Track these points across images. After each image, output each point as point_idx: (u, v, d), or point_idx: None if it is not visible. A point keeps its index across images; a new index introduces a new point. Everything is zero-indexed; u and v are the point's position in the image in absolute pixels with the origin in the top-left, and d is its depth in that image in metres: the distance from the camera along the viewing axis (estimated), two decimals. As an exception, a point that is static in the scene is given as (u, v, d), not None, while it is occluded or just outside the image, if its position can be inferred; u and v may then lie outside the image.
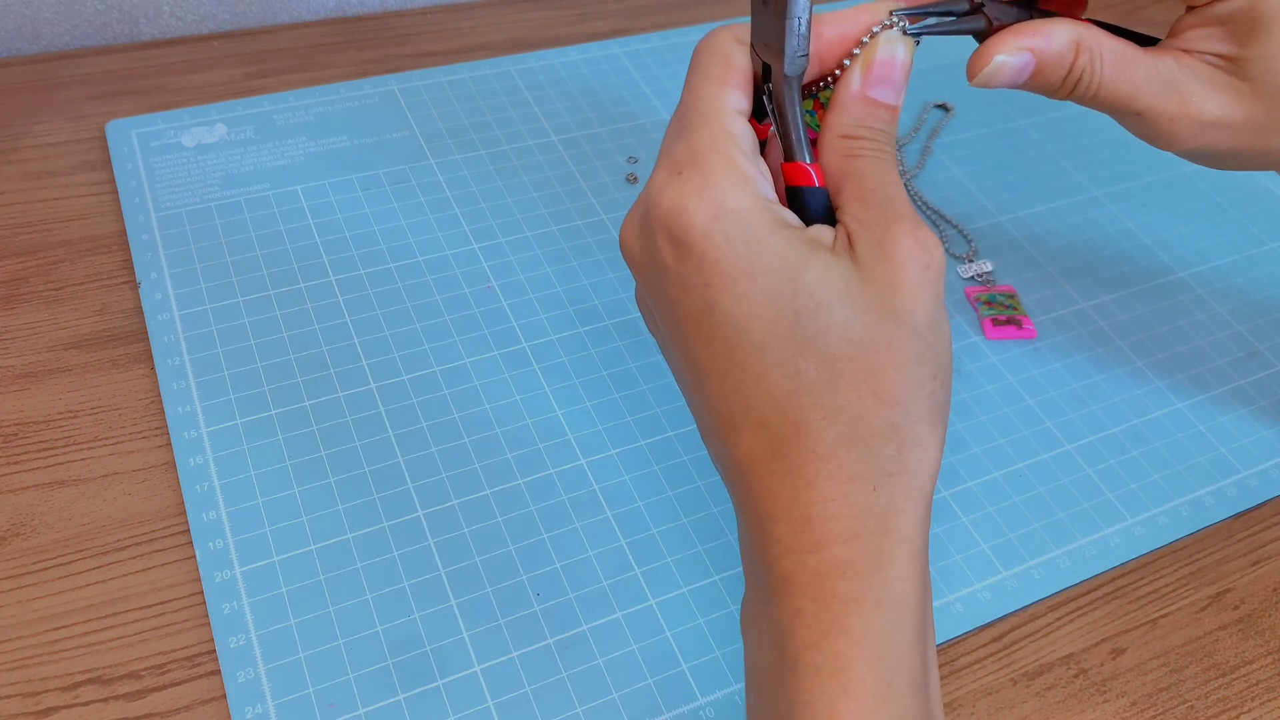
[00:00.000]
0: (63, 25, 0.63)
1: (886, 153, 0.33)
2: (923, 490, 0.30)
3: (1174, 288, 0.55)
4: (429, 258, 0.52)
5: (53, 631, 0.38)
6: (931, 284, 0.30)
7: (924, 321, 0.30)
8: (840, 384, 0.30)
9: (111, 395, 0.45)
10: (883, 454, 0.30)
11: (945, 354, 0.31)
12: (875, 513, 0.30)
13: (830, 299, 0.30)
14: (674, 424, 0.46)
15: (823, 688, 0.29)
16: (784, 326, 0.30)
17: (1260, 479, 0.47)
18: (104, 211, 0.52)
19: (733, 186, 0.31)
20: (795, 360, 0.30)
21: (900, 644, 0.29)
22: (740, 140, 0.32)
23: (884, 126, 0.33)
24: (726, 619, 0.40)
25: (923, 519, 0.30)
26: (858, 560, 0.29)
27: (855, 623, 0.29)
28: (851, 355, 0.30)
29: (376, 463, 0.43)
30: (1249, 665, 0.41)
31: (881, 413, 0.30)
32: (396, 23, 0.67)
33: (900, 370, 0.30)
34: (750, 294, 0.31)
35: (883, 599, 0.29)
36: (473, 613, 0.39)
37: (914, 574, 0.30)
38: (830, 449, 0.30)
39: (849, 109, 0.33)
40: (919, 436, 0.30)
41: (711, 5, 0.71)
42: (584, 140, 0.59)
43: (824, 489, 0.30)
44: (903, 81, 0.33)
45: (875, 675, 0.29)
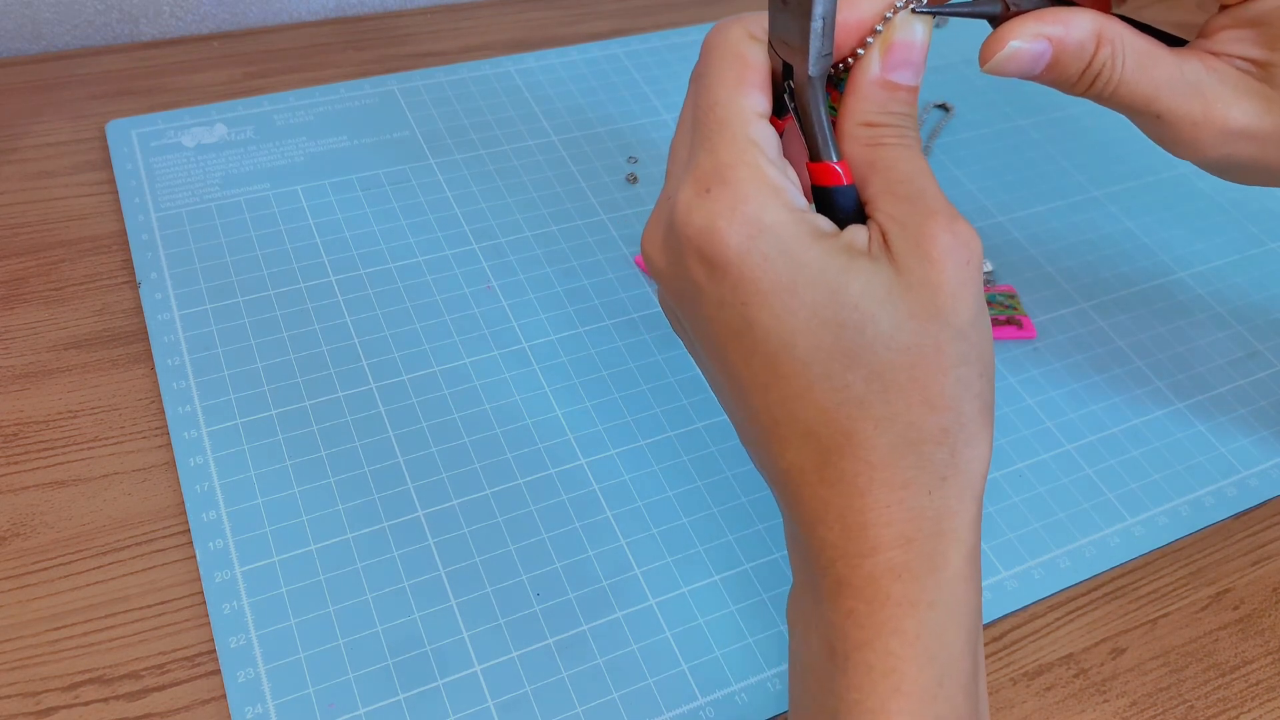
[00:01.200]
0: (63, 25, 0.63)
1: (911, 139, 0.31)
2: (975, 490, 0.30)
3: (1174, 288, 0.55)
4: (429, 258, 0.52)
5: (53, 631, 0.38)
6: (972, 280, 0.30)
7: (967, 320, 0.30)
8: (890, 393, 0.30)
9: (111, 395, 0.45)
10: (936, 458, 0.30)
11: (988, 350, 0.31)
12: (930, 516, 0.30)
13: (874, 309, 0.29)
14: (674, 424, 0.46)
15: (874, 686, 0.29)
16: (828, 340, 0.30)
17: (1260, 479, 0.47)
18: (104, 211, 0.52)
19: (764, 201, 0.30)
20: (843, 374, 0.30)
21: (953, 644, 0.29)
22: (766, 148, 0.31)
23: (906, 110, 0.32)
24: (727, 619, 0.40)
25: (975, 518, 0.30)
26: (913, 563, 0.30)
27: (910, 624, 0.29)
28: (899, 364, 0.30)
29: (376, 463, 0.43)
30: (1249, 665, 0.41)
31: (933, 418, 0.30)
32: (396, 23, 0.67)
33: (948, 373, 0.30)
34: (792, 309, 0.30)
35: (936, 600, 0.29)
36: (473, 613, 0.39)
37: (968, 574, 0.30)
38: (883, 457, 0.30)
39: (870, 95, 0.31)
40: (971, 437, 0.30)
41: (711, 5, 0.71)
42: (584, 140, 0.59)
43: (878, 496, 0.30)
44: (922, 62, 0.32)
45: (927, 674, 0.29)
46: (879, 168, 0.31)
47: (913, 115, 0.32)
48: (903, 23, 0.31)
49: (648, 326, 0.50)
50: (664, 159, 0.59)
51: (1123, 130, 0.65)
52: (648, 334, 0.49)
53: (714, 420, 0.46)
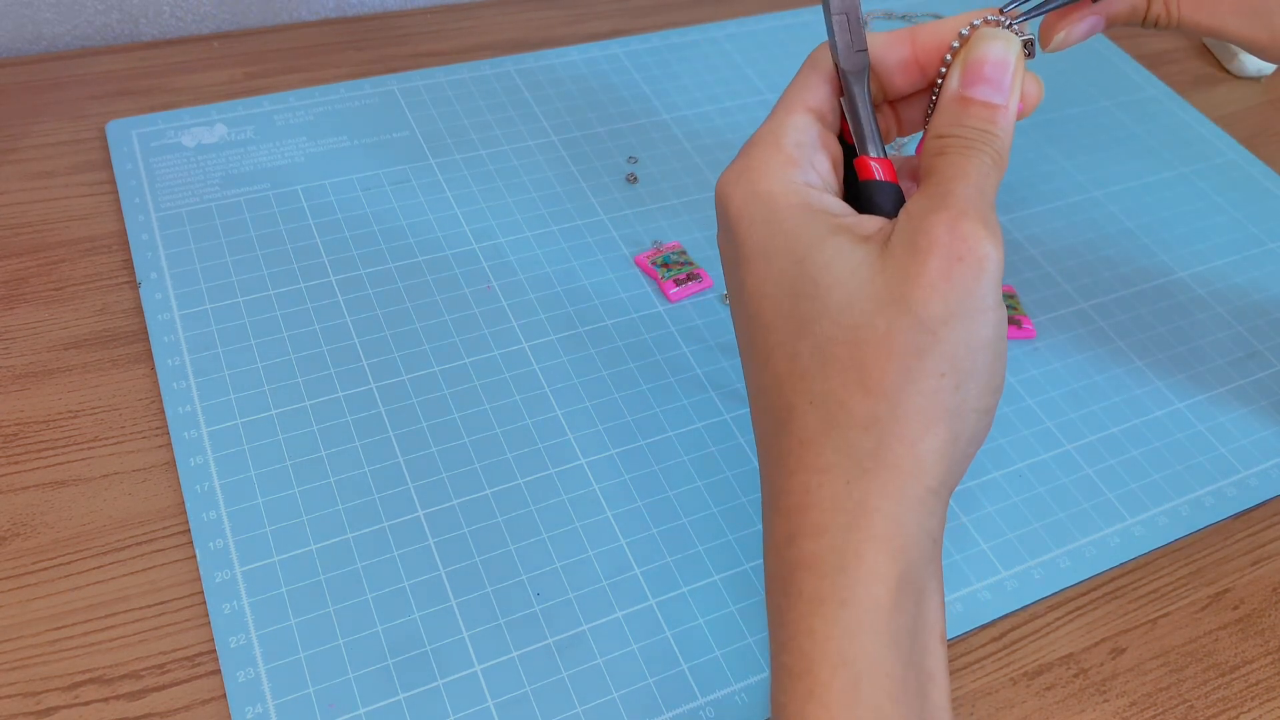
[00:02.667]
0: (63, 25, 0.63)
1: (977, 150, 0.31)
2: (905, 491, 0.28)
3: (1174, 288, 0.55)
4: (429, 258, 0.52)
5: (53, 631, 0.38)
6: (960, 278, 0.29)
7: (937, 315, 0.28)
8: (829, 369, 0.29)
9: (112, 395, 0.45)
10: (860, 446, 0.28)
11: (971, 357, 0.29)
12: (847, 508, 0.28)
13: (830, 282, 0.29)
14: (674, 424, 0.46)
15: (792, 690, 0.28)
16: (787, 307, 0.30)
17: (1260, 479, 0.47)
18: (104, 211, 0.52)
19: (768, 170, 0.31)
20: (794, 342, 0.30)
21: (869, 647, 0.27)
22: (796, 131, 0.32)
23: (982, 125, 0.31)
24: (726, 619, 0.40)
25: (911, 521, 0.28)
26: (825, 557, 0.28)
27: (819, 623, 0.28)
28: (843, 339, 0.29)
29: (376, 463, 0.43)
30: (1249, 665, 0.41)
31: (864, 402, 0.28)
32: (396, 23, 0.67)
33: (891, 360, 0.28)
34: (764, 274, 0.31)
35: (848, 599, 0.28)
36: (473, 613, 0.39)
37: (889, 575, 0.28)
38: (811, 436, 0.29)
39: (944, 109, 0.32)
40: (905, 434, 0.28)
41: (712, 5, 0.71)
42: (584, 140, 0.59)
43: (802, 478, 0.29)
44: (1003, 78, 0.32)
45: (840, 678, 0.27)
46: (932, 172, 0.31)
47: (993, 132, 0.31)
48: (983, 40, 0.32)
49: (647, 326, 0.50)
50: (664, 159, 0.59)
51: (1122, 130, 0.65)
52: (647, 334, 0.49)
53: (714, 420, 0.46)
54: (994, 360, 0.30)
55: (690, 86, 0.64)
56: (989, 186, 0.31)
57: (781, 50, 0.67)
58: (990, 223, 0.29)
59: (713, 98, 0.63)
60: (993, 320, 0.29)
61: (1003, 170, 0.31)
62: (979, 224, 0.29)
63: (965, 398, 0.29)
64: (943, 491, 0.29)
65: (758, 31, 0.69)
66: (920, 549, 0.29)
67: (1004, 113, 0.32)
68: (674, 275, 0.52)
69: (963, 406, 0.29)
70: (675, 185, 0.57)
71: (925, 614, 0.29)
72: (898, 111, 0.35)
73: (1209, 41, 0.72)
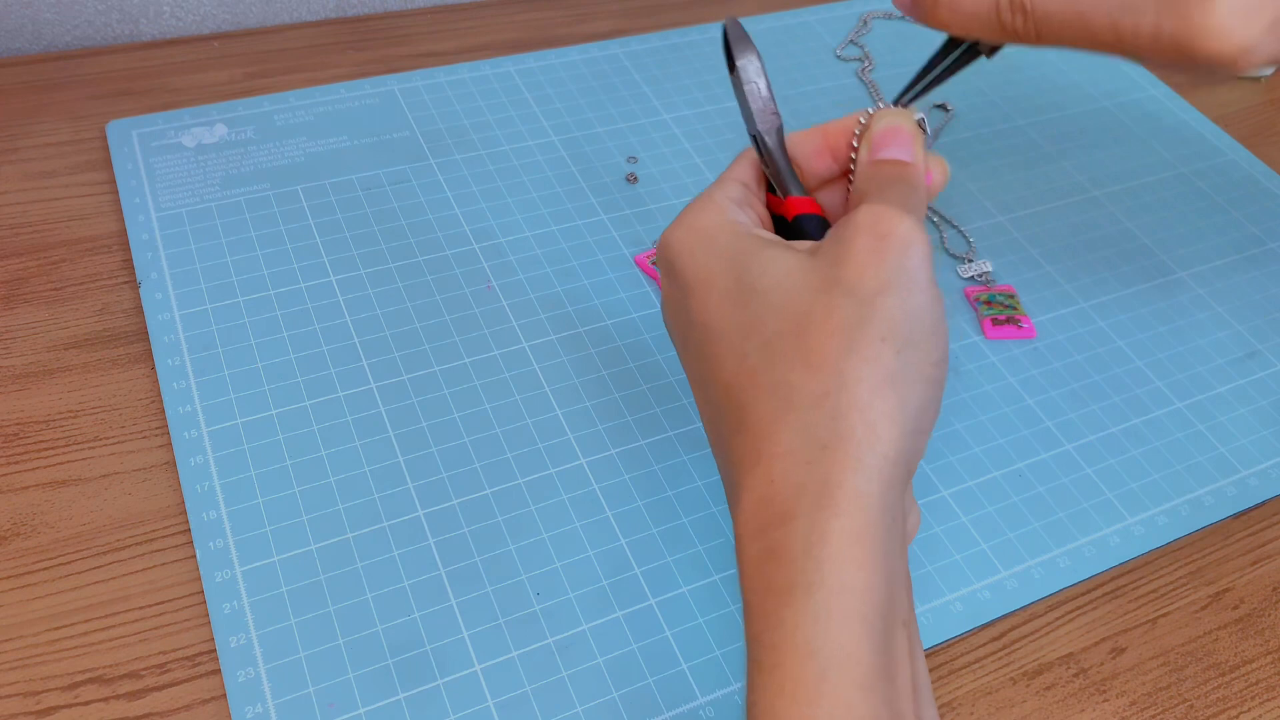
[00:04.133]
0: (63, 25, 0.63)
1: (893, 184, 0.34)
2: (866, 463, 0.28)
3: (1174, 288, 0.55)
4: (429, 258, 0.52)
5: (53, 631, 0.38)
6: (890, 253, 0.30)
7: (870, 288, 0.30)
8: (776, 359, 0.30)
9: (112, 395, 0.45)
10: (816, 423, 0.28)
11: (909, 323, 0.30)
12: (811, 490, 0.28)
13: (769, 284, 0.31)
14: (674, 424, 0.46)
15: (763, 685, 0.27)
16: (732, 316, 0.32)
17: (1260, 479, 0.47)
18: (104, 211, 0.53)
19: (703, 212, 0.35)
20: (742, 344, 0.31)
21: (838, 634, 0.26)
22: (726, 191, 0.36)
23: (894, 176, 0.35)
24: (726, 618, 0.40)
25: (874, 494, 0.28)
26: (791, 544, 0.28)
27: (787, 613, 0.27)
28: (787, 329, 0.30)
29: (376, 463, 0.43)
30: (1249, 665, 0.41)
31: (812, 380, 0.29)
32: (396, 23, 0.67)
33: (832, 336, 0.29)
34: (709, 297, 0.33)
35: (814, 583, 0.27)
36: (473, 612, 0.39)
37: (855, 554, 0.27)
38: (767, 426, 0.29)
39: (861, 175, 0.36)
40: (858, 402, 0.28)
41: (711, 5, 0.71)
42: (584, 140, 0.59)
43: (764, 469, 0.29)
44: (906, 140, 0.35)
45: (807, 669, 0.26)
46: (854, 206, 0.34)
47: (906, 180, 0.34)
48: (881, 117, 0.36)
49: (647, 326, 0.50)
50: (664, 159, 0.59)
51: (1122, 130, 0.65)
52: (647, 334, 0.49)
53: (714, 420, 0.46)
54: (934, 330, 0.31)
55: (690, 86, 0.64)
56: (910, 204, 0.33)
57: (781, 50, 0.67)
58: (913, 213, 0.32)
59: (713, 98, 0.63)
60: (929, 293, 0.31)
61: (923, 208, 0.34)
62: (900, 210, 0.31)
63: (907, 363, 0.30)
64: (900, 463, 0.29)
65: (757, 32, 0.69)
66: (886, 526, 0.28)
67: (914, 169, 0.35)
68: (674, 275, 0.52)
69: (906, 372, 0.30)
70: (675, 185, 0.57)
71: (894, 598, 0.28)
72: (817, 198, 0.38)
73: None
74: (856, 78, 0.66)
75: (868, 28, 0.70)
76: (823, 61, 0.67)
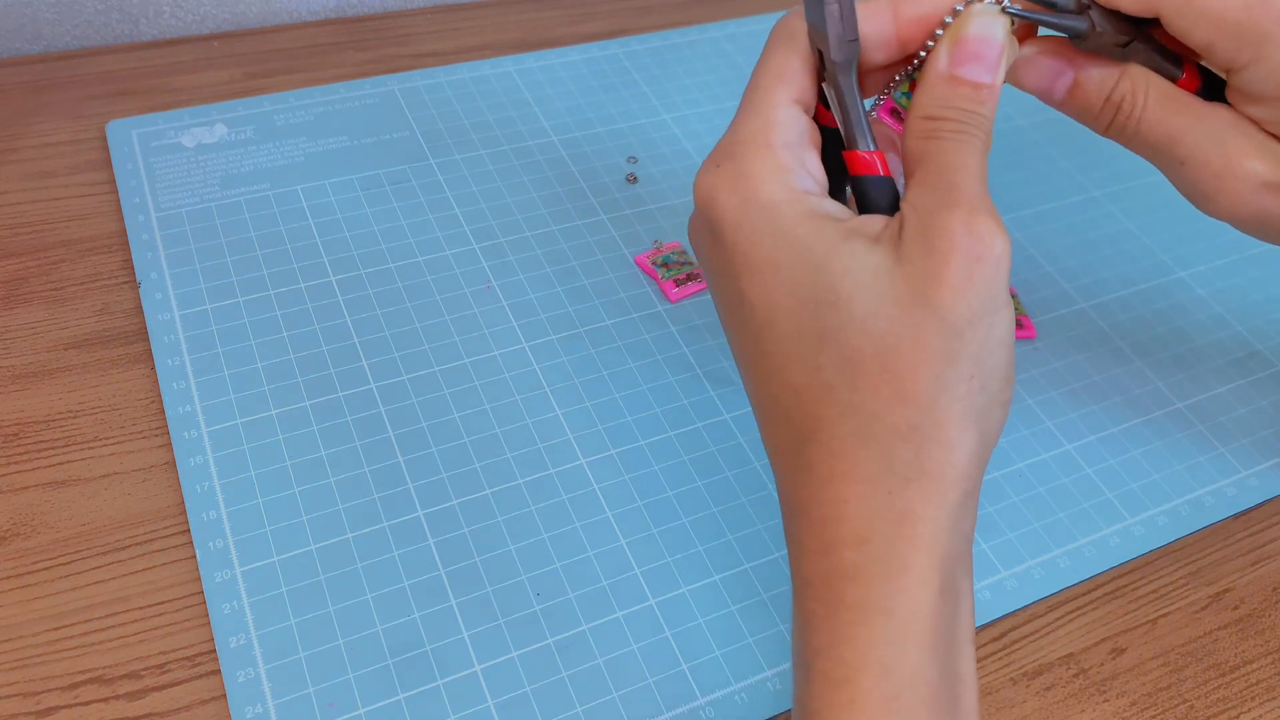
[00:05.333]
0: (63, 25, 0.63)
1: (970, 134, 0.30)
2: (947, 497, 0.28)
3: (1174, 288, 0.55)
4: (429, 258, 0.52)
5: (53, 631, 0.38)
6: (981, 279, 0.28)
7: (963, 317, 0.28)
8: (859, 380, 0.28)
9: (111, 395, 0.45)
10: (899, 456, 0.28)
11: (992, 355, 0.29)
12: (890, 518, 0.28)
13: (852, 290, 0.29)
14: (674, 424, 0.46)
15: (830, 697, 0.28)
16: (805, 319, 0.29)
17: (1260, 479, 0.47)
18: (104, 211, 0.53)
19: (764, 177, 0.30)
20: (815, 354, 0.29)
21: (912, 656, 0.28)
22: (783, 129, 0.31)
23: (972, 106, 0.31)
24: (726, 619, 0.40)
25: (949, 527, 0.28)
26: (868, 567, 0.28)
27: (862, 631, 0.28)
28: (872, 351, 0.28)
29: (376, 463, 0.43)
30: (1249, 665, 0.41)
31: (901, 412, 0.28)
32: (396, 23, 0.67)
33: (925, 367, 0.28)
34: (774, 285, 0.30)
35: (893, 608, 0.28)
36: (473, 613, 0.39)
37: (933, 583, 0.28)
38: (845, 448, 0.29)
39: (933, 88, 0.31)
40: (943, 439, 0.28)
41: (711, 5, 0.71)
42: (584, 140, 0.59)
43: (839, 489, 0.29)
44: (998, 59, 0.31)
45: (882, 688, 0.27)
46: (925, 159, 0.30)
47: (982, 114, 0.31)
48: (975, 16, 0.31)
49: (647, 326, 0.50)
50: (664, 159, 0.59)
51: (1123, 130, 0.65)
52: (647, 334, 0.49)
53: (714, 420, 0.46)
54: (1008, 354, 0.30)
55: (690, 86, 0.64)
56: (985, 173, 0.30)
57: (781, 50, 0.67)
58: (997, 216, 0.29)
59: (713, 98, 0.63)
60: (1007, 316, 0.29)
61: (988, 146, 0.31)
62: (992, 220, 0.29)
63: (990, 396, 0.29)
64: (975, 493, 0.29)
65: (758, 31, 0.69)
66: (959, 552, 0.29)
67: (991, 91, 0.31)
68: (674, 275, 0.52)
69: (989, 405, 0.29)
70: (675, 185, 0.57)
71: (960, 617, 0.29)
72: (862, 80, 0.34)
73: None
74: (856, 78, 0.66)
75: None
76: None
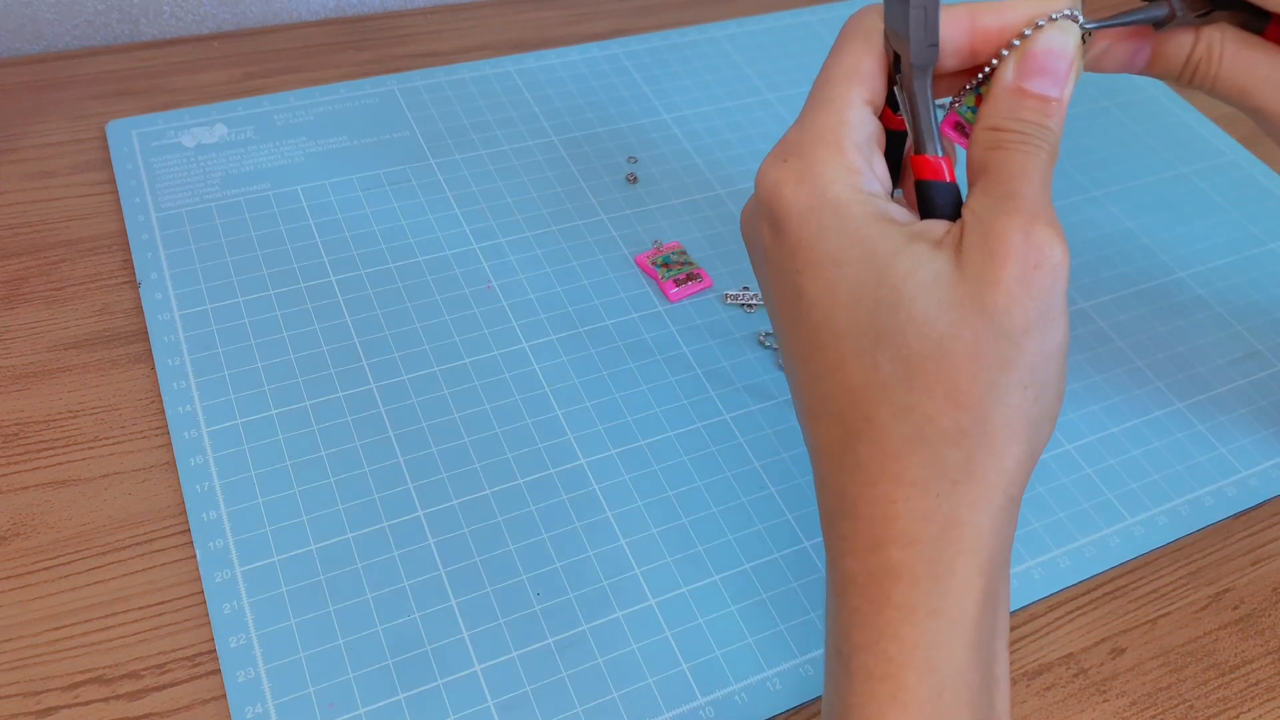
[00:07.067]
0: (63, 25, 0.63)
1: (1035, 146, 0.30)
2: (993, 503, 0.29)
3: (1174, 288, 0.55)
4: (429, 258, 0.52)
5: (53, 631, 0.38)
6: (1038, 286, 0.28)
7: (1019, 325, 0.28)
8: (914, 382, 0.29)
9: (112, 395, 0.45)
10: (949, 459, 0.29)
11: (1047, 366, 0.29)
12: (937, 520, 0.29)
13: (914, 292, 0.29)
14: (674, 424, 0.46)
15: (873, 693, 0.28)
16: (864, 317, 0.30)
17: (1260, 479, 0.47)
18: (104, 211, 0.53)
19: (834, 176, 0.30)
20: (872, 353, 0.29)
21: (957, 656, 0.28)
22: (855, 129, 0.31)
23: (1039, 119, 0.31)
24: (726, 619, 0.40)
25: (993, 531, 0.29)
26: (915, 566, 0.29)
27: (907, 630, 0.28)
28: (928, 353, 0.29)
29: (376, 463, 0.43)
30: (1249, 665, 0.41)
31: (953, 415, 0.28)
32: (396, 23, 0.67)
33: (980, 372, 0.28)
34: (835, 282, 0.30)
35: (939, 609, 0.28)
36: (473, 613, 0.39)
37: (977, 587, 0.29)
38: (896, 448, 0.29)
39: (999, 100, 0.31)
40: (993, 447, 0.29)
41: (712, 5, 0.71)
42: (584, 140, 0.59)
43: (887, 489, 0.29)
44: (1067, 73, 0.31)
45: (926, 685, 0.28)
46: (988, 169, 0.30)
47: (1049, 127, 0.31)
48: (1048, 31, 0.31)
49: (647, 326, 0.50)
50: (664, 159, 0.59)
51: (1122, 131, 0.65)
52: (647, 334, 0.49)
53: (714, 420, 0.46)
54: (1063, 366, 0.30)
55: (690, 86, 0.64)
56: (1049, 184, 0.30)
57: (781, 50, 0.67)
58: (1058, 225, 0.29)
59: (713, 98, 0.63)
60: (1063, 327, 0.29)
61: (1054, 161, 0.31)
62: (1051, 229, 0.29)
63: (1043, 408, 0.29)
64: (1018, 499, 0.30)
65: (758, 31, 0.69)
66: (1002, 557, 0.30)
67: (1058, 105, 0.31)
68: (674, 275, 0.52)
69: (1041, 417, 0.29)
70: (675, 185, 0.57)
71: (999, 620, 0.30)
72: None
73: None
74: (856, 78, 0.66)
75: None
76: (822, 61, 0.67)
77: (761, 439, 0.46)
